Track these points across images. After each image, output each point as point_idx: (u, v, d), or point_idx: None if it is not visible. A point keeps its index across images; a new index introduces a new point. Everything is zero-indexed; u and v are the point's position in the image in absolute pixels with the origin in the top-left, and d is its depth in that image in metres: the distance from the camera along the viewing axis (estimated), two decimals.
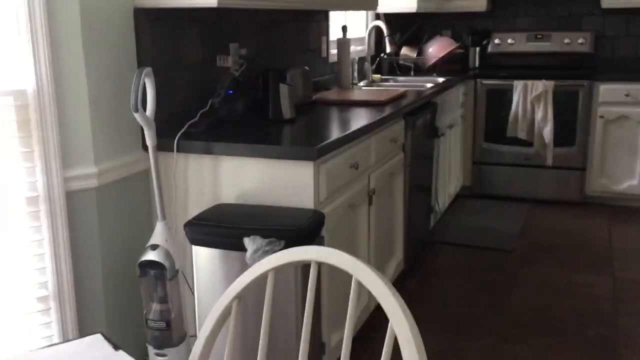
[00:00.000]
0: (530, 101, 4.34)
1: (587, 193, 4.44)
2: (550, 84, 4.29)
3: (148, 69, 1.86)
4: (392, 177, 2.87)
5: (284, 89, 2.51)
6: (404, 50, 4.46)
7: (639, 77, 4.22)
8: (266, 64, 2.92)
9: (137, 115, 1.85)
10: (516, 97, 4.38)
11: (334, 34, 3.72)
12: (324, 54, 3.62)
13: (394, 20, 4.71)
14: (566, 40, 4.73)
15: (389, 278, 2.91)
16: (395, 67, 4.51)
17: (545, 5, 4.85)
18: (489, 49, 4.95)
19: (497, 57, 4.95)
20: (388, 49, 3.95)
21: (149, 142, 1.92)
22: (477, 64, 4.97)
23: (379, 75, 4.22)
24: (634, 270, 3.33)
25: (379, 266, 2.77)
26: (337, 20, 3.84)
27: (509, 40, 4.88)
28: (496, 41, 4.93)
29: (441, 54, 4.38)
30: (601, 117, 4.27)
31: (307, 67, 2.94)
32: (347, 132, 2.22)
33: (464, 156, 4.65)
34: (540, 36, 4.81)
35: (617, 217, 4.20)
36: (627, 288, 3.12)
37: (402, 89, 3.42)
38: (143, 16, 2.10)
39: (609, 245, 3.70)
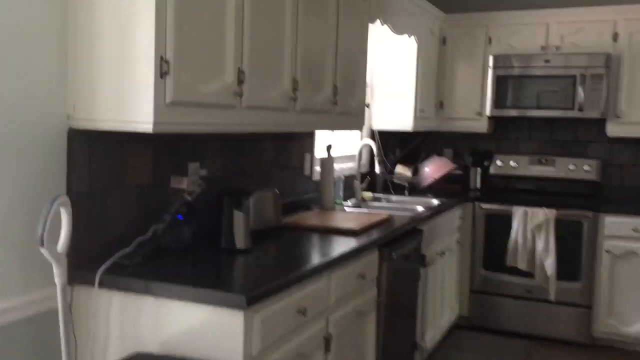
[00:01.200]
0: (531, 230, 4.06)
1: (593, 334, 4.04)
2: (551, 212, 4.03)
3: (63, 197, 1.68)
4: (360, 317, 2.58)
5: (238, 216, 2.30)
6: (399, 169, 4.29)
7: None
8: (232, 185, 2.74)
9: (43, 250, 1.64)
10: (515, 225, 4.12)
11: (321, 150, 3.58)
12: (307, 172, 3.46)
13: (391, 137, 4.59)
14: (571, 167, 4.52)
15: None
16: (389, 186, 4.33)
17: (549, 129, 4.70)
18: (491, 170, 4.76)
19: (498, 179, 4.74)
20: (377, 169, 3.78)
21: (57, 280, 1.70)
22: (478, 185, 4.76)
23: (370, 194, 4.03)
24: None
25: None
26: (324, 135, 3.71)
27: (512, 163, 4.69)
28: (498, 163, 4.74)
29: (437, 175, 4.20)
30: (607, 251, 3.96)
31: (276, 190, 2.75)
32: (291, 276, 1.97)
33: (461, 284, 4.33)
34: (544, 161, 4.62)
35: None
36: None
37: (385, 214, 3.19)
38: (80, 136, 1.95)
39: None
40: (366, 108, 3.29)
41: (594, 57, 4.15)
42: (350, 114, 3.13)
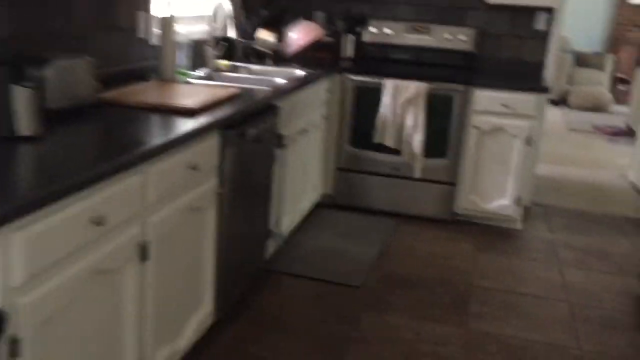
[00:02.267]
0: (401, 104, 3.79)
1: (456, 210, 4.00)
2: (423, 86, 3.75)
3: None
4: (196, 213, 2.19)
5: (20, 92, 1.74)
6: (262, 34, 3.74)
7: (520, 84, 3.79)
8: (25, 51, 2.12)
9: None
10: (386, 99, 3.81)
11: (160, 7, 2.94)
12: (141, 34, 2.84)
13: None
14: (447, 36, 4.21)
15: (187, 340, 2.25)
16: (249, 53, 3.80)
17: None
18: (364, 37, 4.35)
19: (372, 48, 4.36)
20: (231, 33, 3.23)
21: None
22: (350, 54, 4.35)
23: (227, 63, 3.49)
24: (489, 319, 2.89)
25: (168, 331, 2.10)
26: None
27: (386, 30, 4.29)
28: (372, 29, 4.33)
29: (303, 42, 3.72)
30: (475, 127, 3.80)
31: (88, 57, 2.16)
32: (83, 176, 1.49)
33: (326, 161, 4.06)
34: (419, 28, 4.26)
35: (485, 241, 3.78)
36: (479, 344, 2.66)
37: (235, 89, 2.72)
38: None
39: (470, 281, 3.25)
40: None
41: None
42: None
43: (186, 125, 2.08)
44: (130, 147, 1.76)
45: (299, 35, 3.74)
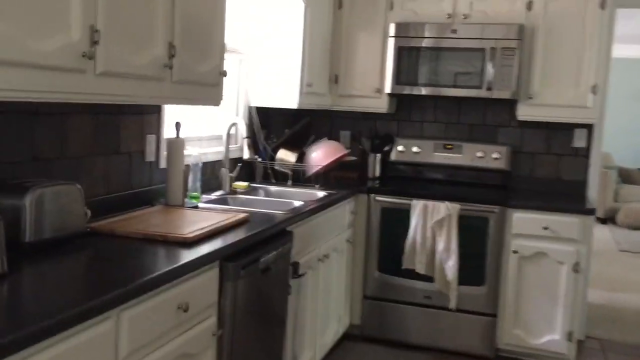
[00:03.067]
0: (431, 227, 3.50)
1: (498, 346, 3.55)
2: (454, 207, 3.48)
3: None
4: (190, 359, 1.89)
5: None
6: (281, 153, 3.60)
7: (561, 205, 3.48)
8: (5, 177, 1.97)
9: None
10: (414, 221, 3.54)
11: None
12: (150, 158, 2.70)
13: (277, 115, 3.90)
14: (479, 154, 3.99)
15: None
16: (270, 174, 3.64)
17: (456, 111, 4.15)
18: (392, 156, 4.17)
19: (400, 167, 4.16)
20: (246, 154, 3.09)
21: None
22: (377, 173, 4.16)
23: (245, 184, 3.33)
24: None
25: None
26: (181, 111, 2.96)
27: (414, 149, 4.11)
28: (399, 148, 4.16)
29: (325, 162, 3.55)
30: (515, 252, 3.46)
31: (78, 185, 1.99)
32: (40, 324, 1.24)
33: (352, 289, 3.73)
34: (449, 146, 4.07)
35: None
36: None
37: (243, 214, 2.50)
38: None
39: None
40: (222, 77, 2.56)
41: (505, 29, 3.61)
42: (197, 83, 2.40)
43: (178, 258, 1.85)
44: (102, 288, 1.51)
45: (321, 154, 3.58)
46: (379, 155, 4.15)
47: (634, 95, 9.14)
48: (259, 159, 3.60)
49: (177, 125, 2.66)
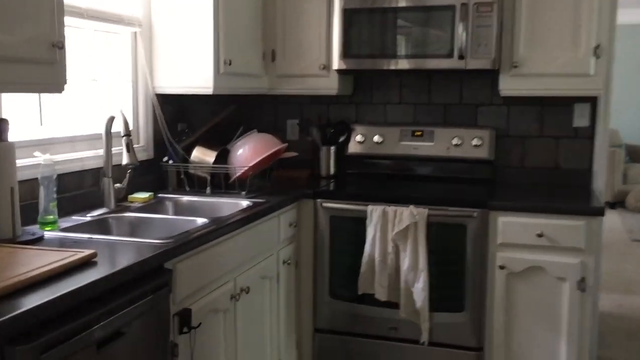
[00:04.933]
0: (392, 239, 2.71)
1: None
2: (421, 212, 2.68)
3: None
4: None
5: None
6: (197, 154, 2.80)
7: (560, 204, 2.69)
8: None
9: None
10: (371, 232, 2.74)
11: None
12: None
13: (198, 103, 3.10)
14: (454, 141, 3.18)
15: None
16: (184, 180, 2.83)
17: (426, 88, 3.34)
18: (350, 148, 3.37)
19: (358, 161, 3.36)
20: (125, 159, 2.29)
21: None
22: (332, 171, 3.37)
23: (147, 195, 2.54)
24: None
25: None
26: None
27: (376, 138, 3.31)
28: (358, 138, 3.35)
29: (252, 161, 2.75)
30: (502, 267, 2.67)
31: None
32: None
33: (300, 322, 2.93)
34: (419, 133, 3.26)
35: None
36: None
37: (86, 252, 1.69)
38: None
39: None
40: (58, 50, 1.77)
41: None
42: (3, 60, 1.61)
43: None
44: None
45: (248, 152, 2.78)
46: (333, 149, 3.35)
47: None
48: (171, 161, 2.81)
49: (2, 123, 1.86)
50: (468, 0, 2.80)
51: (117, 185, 2.39)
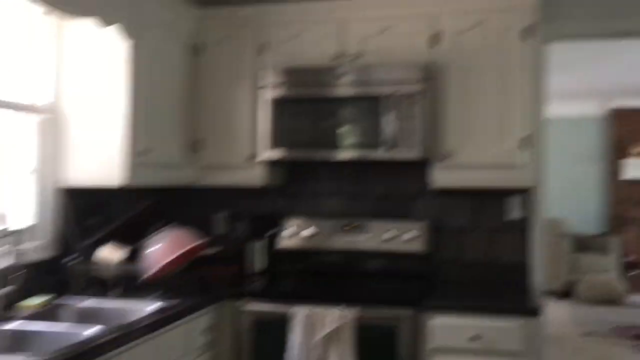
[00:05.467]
0: (320, 343, 2.46)
1: None
2: (348, 314, 2.47)
3: None
4: None
5: None
6: (104, 252, 2.56)
7: (496, 302, 2.53)
8: None
9: None
10: (296, 337, 2.50)
11: None
12: None
13: (112, 196, 2.88)
14: (388, 234, 3.03)
15: None
16: (89, 282, 2.57)
17: (358, 179, 3.22)
18: (279, 243, 3.18)
19: (290, 256, 3.16)
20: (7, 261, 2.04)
21: None
22: (261, 268, 3.14)
23: (41, 301, 2.26)
24: None
25: None
26: None
27: (306, 232, 3.13)
28: (287, 232, 3.17)
29: (165, 260, 2.52)
30: None
31: None
32: None
33: None
34: (351, 226, 3.11)
35: None
36: None
37: None
38: None
39: None
40: None
41: (404, 69, 2.75)
42: None
43: None
44: None
45: (161, 250, 2.55)
46: (261, 243, 3.15)
47: (582, 156, 8.49)
48: (74, 260, 2.55)
49: None
50: (394, 91, 2.75)
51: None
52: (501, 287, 2.81)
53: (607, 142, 8.41)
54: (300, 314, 2.50)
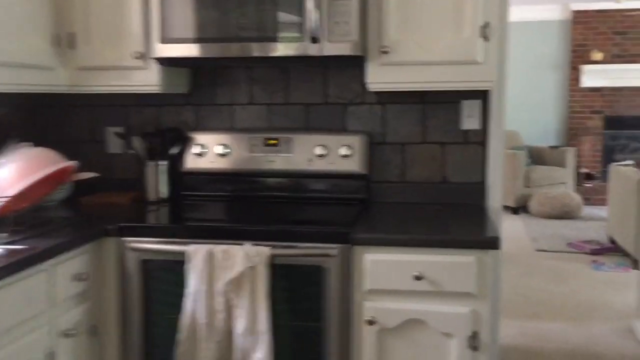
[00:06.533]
0: (222, 292, 1.96)
1: None
2: (261, 252, 1.95)
3: None
4: None
5: None
6: None
7: (440, 236, 2.05)
8: None
9: None
10: (193, 283, 1.98)
11: None
12: None
13: None
14: (318, 150, 2.49)
15: None
16: None
17: (282, 82, 2.62)
18: (186, 164, 2.59)
19: (198, 180, 2.59)
20: None
21: None
22: (163, 194, 2.57)
23: None
24: None
25: None
26: None
27: (219, 150, 2.56)
28: (196, 150, 2.59)
29: (17, 188, 1.91)
30: (371, 322, 1.97)
31: None
32: None
33: None
34: (274, 141, 2.54)
35: None
36: None
37: None
38: None
39: None
40: None
41: None
42: None
43: None
44: None
45: (14, 175, 1.95)
46: (163, 164, 2.56)
47: (540, 63, 8.01)
48: None
49: None
50: None
51: None
52: (453, 213, 2.32)
53: (567, 48, 7.94)
54: (200, 252, 1.96)
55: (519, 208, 7.10)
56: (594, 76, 7.69)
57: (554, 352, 3.33)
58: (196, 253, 1.96)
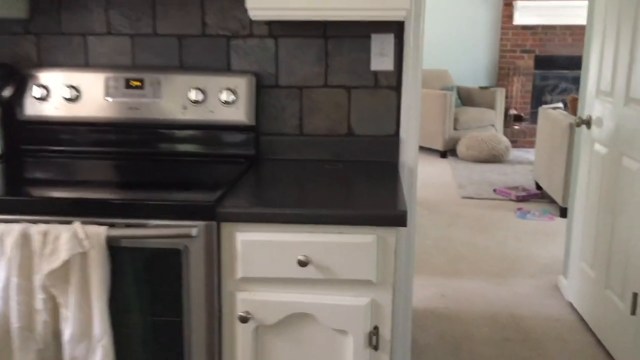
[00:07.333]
0: (42, 286, 1.47)
1: None
2: (95, 234, 1.47)
3: None
4: None
5: None
6: None
7: (332, 212, 1.63)
8: None
9: None
10: (3, 275, 1.49)
11: None
12: None
13: None
14: (192, 95, 1.98)
15: None
16: None
17: (147, 9, 2.07)
18: (26, 109, 2.04)
19: (40, 131, 2.05)
20: None
21: None
22: (1, 149, 2.03)
23: None
24: None
25: None
26: None
27: (66, 92, 2.00)
28: (36, 93, 2.03)
29: None
30: (244, 319, 1.53)
31: None
32: None
33: None
34: (137, 83, 2.01)
35: None
36: None
37: None
38: None
39: None
40: None
41: None
42: None
43: None
44: None
45: None
46: None
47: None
48: None
49: None
50: None
51: None
52: (357, 175, 1.90)
53: None
54: (11, 234, 1.46)
55: (447, 151, 6.84)
56: (528, 13, 7.37)
57: (474, 316, 3.06)
58: (6, 235, 1.46)
